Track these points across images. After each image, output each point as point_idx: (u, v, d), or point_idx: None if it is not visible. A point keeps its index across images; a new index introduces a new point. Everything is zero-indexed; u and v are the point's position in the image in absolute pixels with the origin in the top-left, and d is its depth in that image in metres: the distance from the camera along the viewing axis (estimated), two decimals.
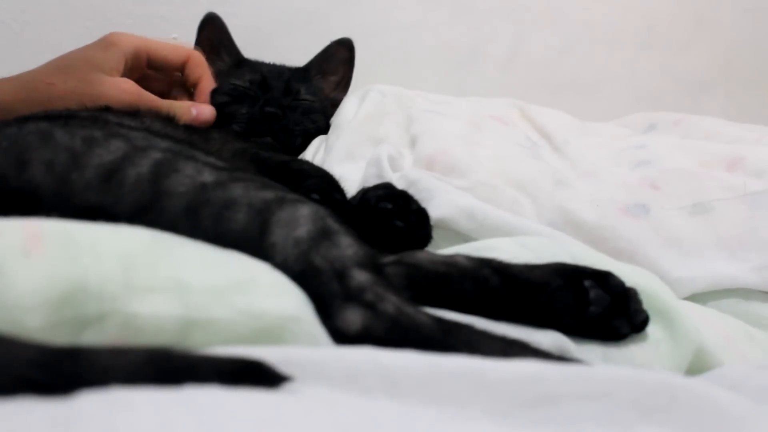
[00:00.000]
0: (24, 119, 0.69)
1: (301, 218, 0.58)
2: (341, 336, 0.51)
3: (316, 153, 1.09)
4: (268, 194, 0.60)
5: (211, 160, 0.64)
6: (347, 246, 0.57)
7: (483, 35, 1.81)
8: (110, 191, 0.58)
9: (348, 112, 1.15)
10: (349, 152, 1.04)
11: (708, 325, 0.70)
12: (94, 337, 0.43)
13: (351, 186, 0.90)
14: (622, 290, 0.60)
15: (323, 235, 0.57)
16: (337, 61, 1.29)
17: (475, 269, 0.60)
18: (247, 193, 0.59)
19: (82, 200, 0.58)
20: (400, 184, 0.87)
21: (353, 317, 0.52)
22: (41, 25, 1.45)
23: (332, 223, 0.59)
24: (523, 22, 1.84)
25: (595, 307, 0.58)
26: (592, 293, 0.58)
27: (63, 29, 1.46)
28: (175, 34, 1.48)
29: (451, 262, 0.61)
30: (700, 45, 2.01)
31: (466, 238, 0.83)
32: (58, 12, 1.46)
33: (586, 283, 0.59)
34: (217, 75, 1.17)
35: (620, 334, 0.59)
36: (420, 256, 0.62)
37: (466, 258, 0.62)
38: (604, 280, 0.60)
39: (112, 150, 0.61)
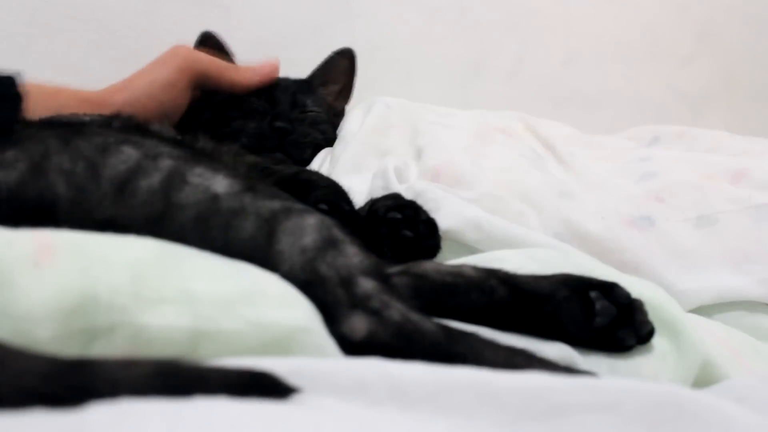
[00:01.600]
0: (38, 126, 0.69)
1: (307, 227, 0.58)
2: (346, 342, 0.51)
3: (322, 164, 1.09)
4: (276, 204, 0.60)
5: (222, 169, 0.65)
6: (353, 255, 0.57)
7: (487, 48, 1.81)
8: (123, 202, 0.58)
9: (353, 124, 1.15)
10: (355, 164, 1.04)
11: (714, 337, 0.70)
12: (103, 349, 0.43)
13: (358, 197, 0.89)
14: (628, 301, 0.60)
15: (329, 243, 0.57)
16: (339, 71, 1.30)
17: (482, 280, 0.60)
18: (255, 203, 0.59)
19: (96, 207, 0.58)
20: (406, 196, 0.87)
21: (358, 324, 0.52)
22: (47, 38, 1.46)
23: (338, 233, 0.59)
24: (527, 35, 1.84)
25: (601, 318, 0.58)
26: (599, 304, 0.58)
27: (68, 42, 1.47)
28: None
29: (457, 273, 0.61)
30: (703, 58, 2.01)
31: (472, 250, 0.83)
32: (63, 25, 1.47)
33: (592, 294, 0.59)
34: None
35: (626, 346, 0.59)
36: (427, 266, 0.62)
37: (473, 268, 0.62)
38: (610, 291, 0.60)
39: (123, 159, 0.61)
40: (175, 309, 0.45)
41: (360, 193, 0.94)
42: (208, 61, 1.09)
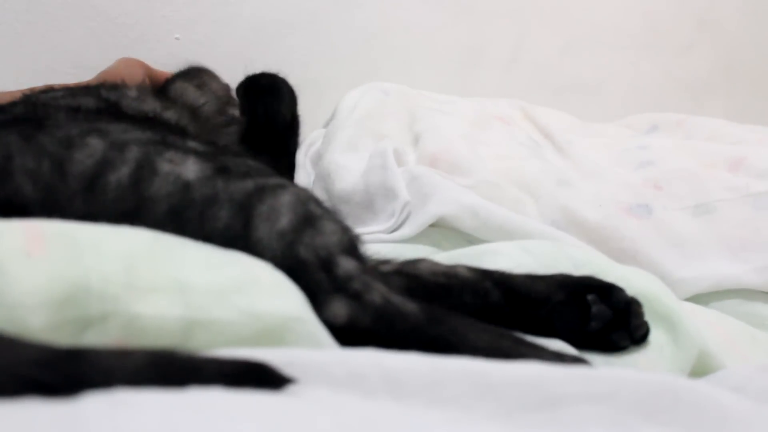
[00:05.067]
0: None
1: (282, 208, 0.57)
2: (330, 327, 0.51)
3: (310, 146, 1.10)
4: (248, 184, 0.58)
5: (192, 150, 0.62)
6: (331, 232, 0.57)
7: (486, 36, 1.80)
8: (94, 199, 0.56)
9: (347, 105, 1.14)
10: (351, 143, 1.03)
11: (710, 327, 0.70)
12: (96, 338, 0.43)
13: (353, 176, 0.90)
14: (625, 305, 0.60)
15: (305, 222, 0.56)
16: None
17: (477, 281, 0.61)
18: (227, 187, 0.58)
19: (68, 207, 0.56)
20: (404, 179, 0.88)
21: (340, 309, 0.52)
22: (43, 25, 1.45)
23: (315, 208, 0.58)
24: (526, 23, 1.84)
25: (595, 322, 0.58)
26: (595, 308, 0.58)
27: (65, 29, 1.46)
28: (177, 34, 1.48)
29: (452, 274, 0.61)
30: (701, 46, 2.00)
31: (467, 237, 0.83)
32: (60, 12, 1.46)
33: (590, 297, 0.59)
34: None
35: (619, 347, 0.60)
36: (421, 266, 0.62)
37: (467, 269, 0.62)
38: (609, 293, 0.60)
39: (89, 153, 0.58)
40: (167, 298, 0.45)
41: (356, 171, 0.95)
42: (147, 66, 1.13)
